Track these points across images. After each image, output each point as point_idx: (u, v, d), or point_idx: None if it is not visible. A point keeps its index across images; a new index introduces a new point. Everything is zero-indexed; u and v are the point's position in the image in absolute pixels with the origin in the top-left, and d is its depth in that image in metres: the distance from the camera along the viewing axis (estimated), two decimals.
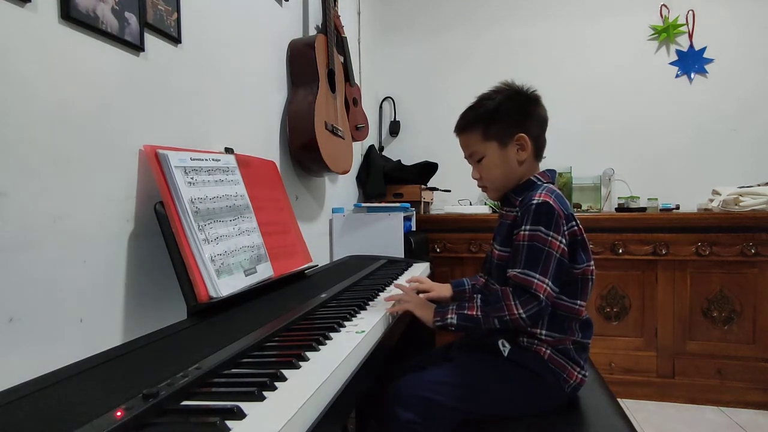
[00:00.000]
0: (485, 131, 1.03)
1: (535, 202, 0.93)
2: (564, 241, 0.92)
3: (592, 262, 0.98)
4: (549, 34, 2.63)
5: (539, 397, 0.94)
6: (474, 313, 0.95)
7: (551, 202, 0.93)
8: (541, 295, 0.89)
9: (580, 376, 0.95)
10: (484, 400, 0.94)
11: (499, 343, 0.97)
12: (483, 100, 1.06)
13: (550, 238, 0.91)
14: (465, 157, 1.10)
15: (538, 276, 0.90)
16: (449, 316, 0.97)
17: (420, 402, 0.92)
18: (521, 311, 0.89)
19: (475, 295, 0.98)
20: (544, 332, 0.95)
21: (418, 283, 1.23)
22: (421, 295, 1.19)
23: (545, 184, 1.01)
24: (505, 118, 1.02)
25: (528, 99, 1.04)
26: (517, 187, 1.04)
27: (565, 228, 0.93)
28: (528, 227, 0.93)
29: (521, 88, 1.05)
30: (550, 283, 0.90)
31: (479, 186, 1.10)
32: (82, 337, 0.78)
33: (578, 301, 0.96)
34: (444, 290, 1.23)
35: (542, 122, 1.05)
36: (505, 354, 0.96)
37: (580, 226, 0.97)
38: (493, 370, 0.96)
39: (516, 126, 1.02)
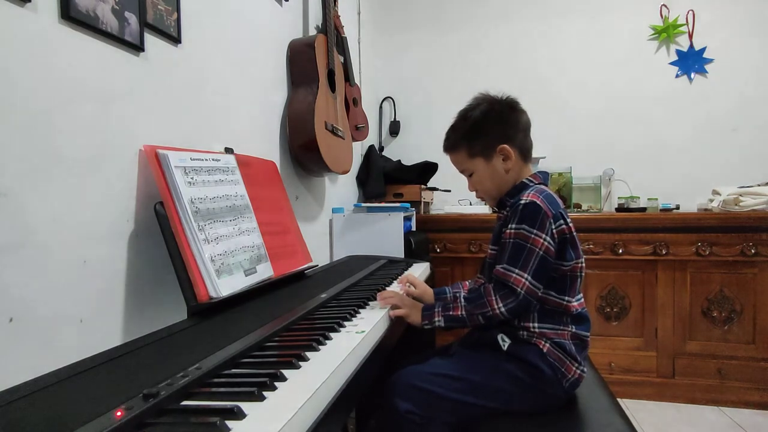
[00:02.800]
0: (469, 149, 1.08)
1: (522, 201, 0.97)
2: (549, 239, 0.94)
3: (582, 259, 1.01)
4: (549, 34, 2.63)
5: (538, 392, 0.95)
6: (459, 313, 0.98)
7: (538, 202, 0.96)
8: (519, 289, 0.92)
9: (578, 371, 0.96)
10: (483, 393, 0.95)
11: (499, 337, 0.99)
12: (462, 118, 1.10)
13: (533, 236, 0.94)
14: (459, 172, 1.14)
15: (516, 271, 0.93)
16: (436, 318, 1.00)
17: (419, 393, 0.93)
18: (500, 305, 0.93)
19: (458, 294, 1.01)
20: (536, 325, 0.97)
21: (410, 280, 1.22)
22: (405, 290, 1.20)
23: (536, 185, 1.04)
24: (486, 133, 1.06)
25: (504, 108, 1.07)
26: (510, 190, 1.08)
27: (553, 227, 0.96)
28: (514, 226, 0.96)
29: (497, 98, 1.08)
30: (529, 278, 0.93)
31: (477, 197, 1.16)
32: (82, 337, 0.78)
33: (566, 297, 0.98)
34: (427, 292, 1.21)
35: (524, 127, 1.08)
36: (505, 348, 0.98)
37: (570, 224, 0.99)
38: (492, 364, 0.97)
39: (497, 138, 1.05)
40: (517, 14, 2.68)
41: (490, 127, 1.06)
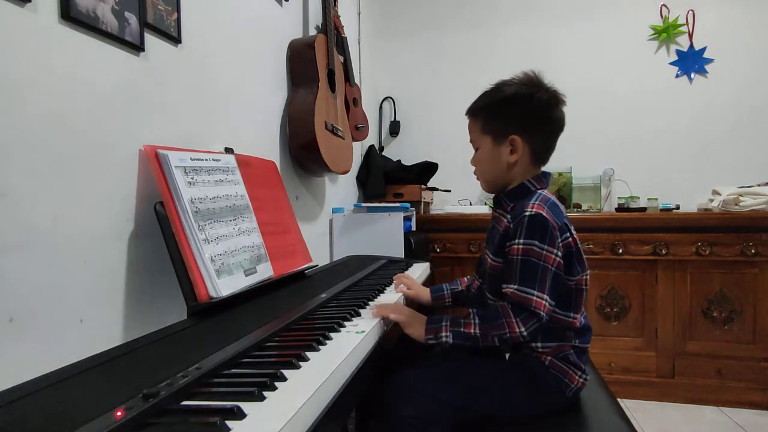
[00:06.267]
0: (485, 124, 1.01)
1: (528, 213, 0.90)
2: (559, 253, 0.90)
3: (587, 272, 0.96)
4: (549, 34, 2.63)
5: (540, 400, 0.94)
6: (472, 331, 0.90)
7: (545, 214, 0.90)
8: (541, 312, 0.87)
9: (581, 380, 0.94)
10: (485, 399, 0.94)
11: None
12: (495, 89, 1.02)
13: (545, 252, 0.88)
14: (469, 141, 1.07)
15: (536, 293, 0.87)
16: (443, 333, 0.91)
17: (420, 398, 0.92)
18: (522, 329, 0.87)
19: (470, 311, 0.93)
20: (540, 345, 0.93)
21: (405, 280, 1.20)
22: (400, 289, 1.17)
23: (539, 192, 0.97)
24: (506, 116, 0.98)
25: (541, 99, 0.97)
26: (510, 191, 1.01)
27: (560, 240, 0.90)
28: (522, 241, 0.89)
29: (542, 86, 0.98)
30: (547, 299, 0.88)
31: (474, 173, 1.08)
32: (82, 337, 0.78)
33: (571, 313, 0.94)
34: (423, 293, 1.20)
35: (552, 128, 1.00)
36: (506, 358, 0.96)
37: (575, 236, 0.94)
38: (494, 370, 0.96)
39: (515, 126, 0.97)
40: (517, 15, 2.68)
41: (514, 111, 0.97)
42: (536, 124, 0.98)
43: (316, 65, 1.57)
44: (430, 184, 2.59)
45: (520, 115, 0.98)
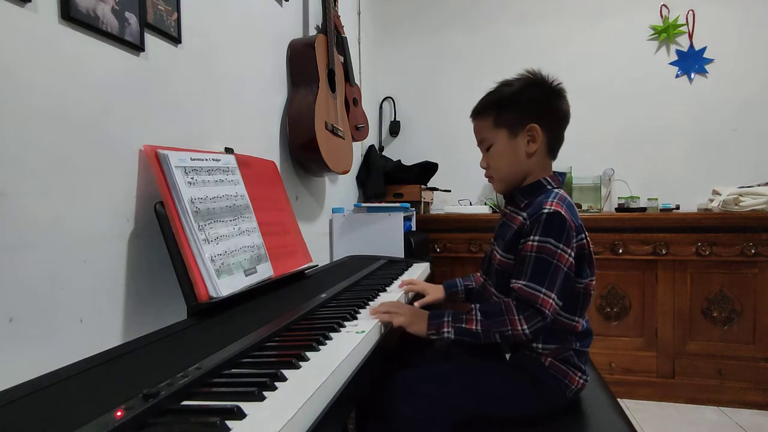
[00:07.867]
0: (497, 118, 1.00)
1: (546, 211, 0.89)
2: (573, 254, 0.89)
3: (594, 277, 0.96)
4: (549, 34, 2.63)
5: (539, 400, 0.94)
6: (473, 327, 0.89)
7: (563, 213, 0.89)
8: (546, 311, 0.85)
9: (581, 381, 0.94)
10: (485, 399, 0.94)
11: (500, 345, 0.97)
12: (501, 86, 1.02)
13: (559, 251, 0.87)
14: (477, 144, 1.06)
15: (544, 290, 0.86)
16: (445, 329, 0.91)
17: (420, 398, 0.92)
18: (525, 327, 0.86)
19: (473, 306, 0.93)
20: (541, 346, 0.93)
21: (411, 285, 1.20)
22: (416, 303, 1.16)
23: (556, 190, 0.96)
24: (520, 106, 0.98)
25: (549, 90, 0.99)
26: (525, 187, 1.00)
27: (575, 240, 0.90)
28: (537, 238, 0.89)
29: (544, 78, 1.00)
30: (555, 298, 0.86)
31: (486, 176, 1.07)
32: (82, 337, 0.78)
33: (576, 317, 0.94)
34: (437, 292, 1.20)
35: (561, 117, 1.01)
36: (507, 358, 0.96)
37: (589, 239, 0.94)
38: (494, 370, 0.96)
39: (530, 116, 0.97)
40: (518, 14, 2.68)
41: (526, 102, 0.98)
42: (548, 113, 0.99)
43: (316, 65, 1.57)
44: (430, 184, 2.59)
45: (535, 104, 0.98)
